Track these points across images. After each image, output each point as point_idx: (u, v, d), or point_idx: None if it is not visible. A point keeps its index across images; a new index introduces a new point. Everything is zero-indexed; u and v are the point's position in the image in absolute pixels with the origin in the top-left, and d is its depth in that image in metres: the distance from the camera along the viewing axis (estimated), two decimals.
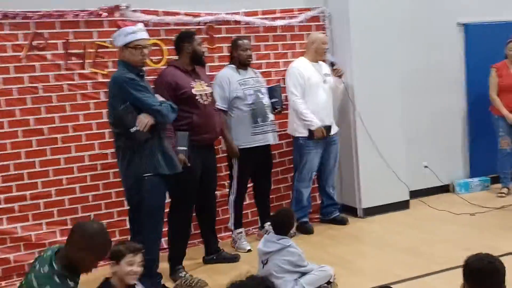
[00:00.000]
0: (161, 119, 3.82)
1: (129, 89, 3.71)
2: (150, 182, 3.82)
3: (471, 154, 6.76)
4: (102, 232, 2.81)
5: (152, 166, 3.81)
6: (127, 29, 3.81)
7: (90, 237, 2.70)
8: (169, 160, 3.90)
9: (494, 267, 2.39)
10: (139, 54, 3.81)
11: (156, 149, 3.83)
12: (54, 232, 4.79)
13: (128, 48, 3.80)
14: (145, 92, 3.78)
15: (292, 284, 3.80)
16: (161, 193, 3.94)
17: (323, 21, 5.90)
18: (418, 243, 4.95)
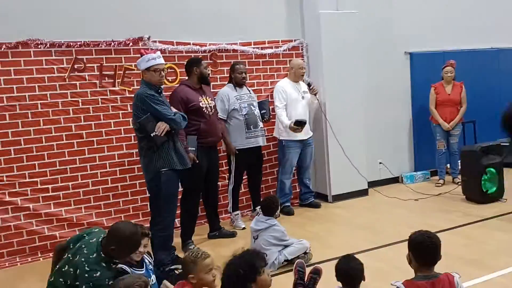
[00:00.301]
0: (175, 126, 3.80)
1: (150, 103, 3.69)
2: (166, 175, 3.78)
3: (416, 152, 6.75)
4: (134, 232, 2.73)
5: (167, 163, 3.78)
6: (148, 56, 3.78)
7: (122, 238, 2.68)
8: (181, 158, 3.87)
9: (432, 241, 2.39)
10: (157, 76, 3.78)
11: (170, 150, 3.80)
12: (91, 214, 4.76)
13: (149, 71, 3.77)
14: (162, 105, 3.75)
15: (277, 255, 3.80)
16: (175, 184, 3.90)
17: (302, 50, 5.87)
18: (374, 222, 4.96)
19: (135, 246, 2.78)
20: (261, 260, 2.51)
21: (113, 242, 2.67)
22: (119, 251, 2.68)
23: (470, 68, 6.68)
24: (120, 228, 2.72)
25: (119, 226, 2.75)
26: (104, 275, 2.64)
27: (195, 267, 2.62)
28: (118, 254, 2.71)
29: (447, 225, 4.59)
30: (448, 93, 6.16)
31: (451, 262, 3.52)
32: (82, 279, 2.61)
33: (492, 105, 6.96)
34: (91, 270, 2.63)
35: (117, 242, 2.66)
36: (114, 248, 2.66)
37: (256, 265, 2.43)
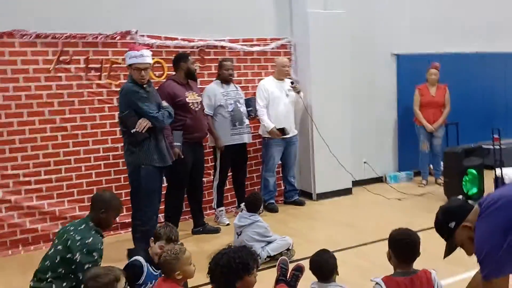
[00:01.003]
0: (157, 124, 3.78)
1: (133, 99, 3.70)
2: (146, 171, 3.78)
3: (400, 153, 6.81)
4: (115, 197, 3.03)
5: (147, 159, 3.78)
6: (132, 53, 3.77)
7: (108, 201, 2.93)
8: (162, 155, 3.86)
9: (411, 238, 2.44)
10: (137, 74, 3.75)
11: (152, 146, 3.80)
12: (74, 208, 4.71)
13: (131, 68, 3.78)
14: (146, 102, 3.73)
15: (260, 251, 3.80)
16: (155, 180, 3.87)
17: (290, 48, 5.89)
18: (357, 220, 5.00)
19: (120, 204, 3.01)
20: (255, 262, 2.50)
21: (100, 207, 2.90)
22: (108, 212, 2.89)
23: (454, 71, 6.77)
24: (100, 195, 3.05)
25: (99, 194, 3.08)
26: (96, 240, 2.79)
27: (178, 263, 2.63)
28: (108, 215, 2.90)
29: (428, 224, 4.56)
30: (432, 95, 6.24)
31: (431, 260, 3.55)
32: (74, 248, 2.72)
33: (475, 108, 7.12)
34: (82, 238, 2.76)
35: (104, 205, 2.90)
36: (104, 210, 2.88)
37: (250, 265, 2.43)
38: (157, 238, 2.98)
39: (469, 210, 2.14)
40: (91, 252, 2.72)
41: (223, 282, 2.39)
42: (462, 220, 2.12)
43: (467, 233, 2.09)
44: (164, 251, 2.70)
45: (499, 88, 7.39)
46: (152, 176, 3.82)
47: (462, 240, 2.14)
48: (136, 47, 3.84)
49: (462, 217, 2.13)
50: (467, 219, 2.11)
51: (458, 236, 2.14)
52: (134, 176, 3.84)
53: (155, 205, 3.91)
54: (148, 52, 3.86)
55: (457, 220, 2.13)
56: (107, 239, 3.74)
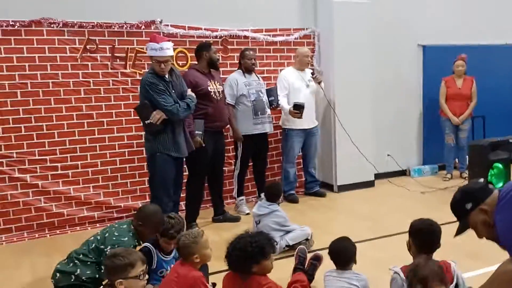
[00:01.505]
0: (171, 116, 3.80)
1: (150, 90, 3.74)
2: (161, 159, 3.84)
3: (424, 146, 6.70)
4: (156, 213, 3.03)
5: (162, 148, 3.84)
6: (152, 45, 3.75)
7: (147, 216, 2.98)
8: (177, 146, 3.90)
9: (432, 227, 2.41)
10: (158, 67, 3.77)
11: (168, 137, 3.84)
12: (99, 194, 4.82)
13: (152, 59, 3.81)
14: (163, 94, 3.75)
15: (279, 240, 3.82)
16: (169, 168, 3.90)
17: (313, 38, 5.84)
18: (377, 213, 4.95)
19: (159, 223, 2.98)
20: (271, 246, 2.55)
21: (140, 218, 2.98)
22: (145, 226, 2.95)
23: (482, 63, 6.58)
24: (145, 207, 3.15)
25: (145, 206, 3.19)
26: (129, 242, 2.87)
27: (197, 246, 2.68)
28: (145, 229, 2.96)
29: (450, 218, 4.48)
30: (458, 87, 6.09)
31: (451, 253, 3.50)
32: (109, 241, 2.85)
33: (502, 101, 6.91)
34: (120, 235, 2.87)
35: (143, 218, 2.97)
36: (141, 223, 2.95)
37: (266, 249, 2.47)
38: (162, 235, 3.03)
39: (488, 194, 2.07)
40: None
41: (240, 265, 2.44)
42: (480, 203, 2.05)
43: (483, 217, 2.04)
44: (182, 235, 2.74)
45: None
46: (167, 164, 3.86)
47: (476, 222, 2.09)
48: (157, 39, 3.81)
49: (480, 200, 2.06)
50: (485, 203, 2.05)
51: (473, 218, 2.09)
52: (150, 163, 3.93)
53: (169, 192, 3.94)
54: (169, 44, 3.82)
55: (474, 202, 2.08)
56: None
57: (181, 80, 4.04)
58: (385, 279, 2.50)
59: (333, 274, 2.73)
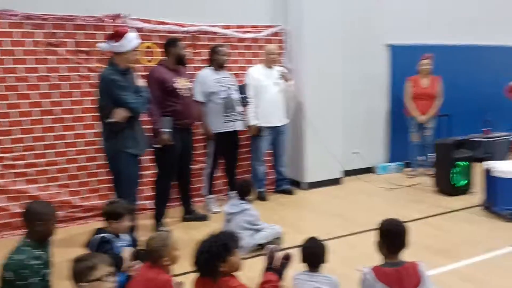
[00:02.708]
0: (135, 113, 3.72)
1: (112, 88, 3.62)
2: (122, 158, 3.74)
3: (390, 144, 6.79)
4: (47, 205, 2.76)
5: (122, 146, 3.73)
6: (131, 35, 3.68)
7: (38, 212, 2.64)
8: (136, 143, 3.78)
9: (399, 228, 2.42)
10: (135, 56, 3.78)
11: (127, 134, 3.73)
12: (60, 193, 4.63)
13: (129, 52, 3.68)
14: (125, 90, 3.65)
15: (249, 239, 3.77)
16: (131, 167, 3.81)
17: (283, 36, 5.81)
18: (346, 210, 4.97)
19: (52, 213, 2.73)
20: (235, 241, 2.53)
21: (34, 219, 2.62)
22: (44, 223, 2.62)
23: (448, 63, 6.72)
24: (29, 207, 2.71)
25: (28, 206, 2.73)
26: (23, 256, 2.54)
27: (167, 248, 2.62)
28: (45, 226, 2.65)
29: (417, 215, 4.65)
30: (424, 86, 6.20)
31: (419, 251, 3.55)
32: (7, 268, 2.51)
33: (467, 100, 7.09)
34: (12, 257, 2.55)
35: (37, 217, 2.62)
36: (39, 223, 2.60)
37: (229, 245, 2.45)
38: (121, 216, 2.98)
39: None
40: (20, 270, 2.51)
41: (208, 268, 2.40)
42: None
43: None
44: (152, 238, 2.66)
45: (491, 80, 7.36)
46: (128, 163, 3.77)
47: None
48: (124, 30, 3.73)
49: None
50: None
51: None
52: (114, 163, 3.80)
53: (133, 191, 3.86)
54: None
55: None
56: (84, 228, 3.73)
57: (135, 77, 3.93)
58: (356, 277, 2.49)
59: (303, 277, 2.70)
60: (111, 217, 2.98)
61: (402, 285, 2.29)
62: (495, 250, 3.67)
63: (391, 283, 2.29)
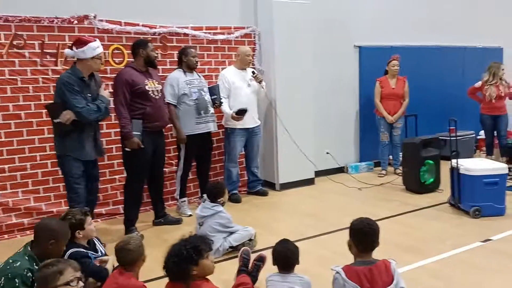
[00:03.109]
0: (81, 118, 3.69)
1: (64, 90, 3.64)
2: (66, 160, 3.75)
3: (361, 144, 6.89)
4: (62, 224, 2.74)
5: (67, 149, 3.74)
6: (92, 44, 3.72)
7: (54, 229, 2.63)
8: (81, 149, 3.77)
9: (371, 227, 2.44)
10: (99, 64, 3.80)
11: (74, 138, 3.73)
12: (29, 199, 4.49)
13: (94, 58, 3.72)
14: (76, 95, 3.65)
15: (222, 241, 3.76)
16: (74, 171, 3.77)
17: (254, 37, 5.81)
18: (319, 210, 5.02)
19: (67, 234, 2.72)
20: (206, 244, 2.50)
21: (49, 237, 2.58)
22: (57, 242, 2.59)
23: (414, 64, 6.89)
24: (47, 223, 2.71)
25: (45, 222, 2.73)
26: (23, 265, 2.50)
27: (139, 253, 2.61)
28: (56, 246, 2.61)
29: (386, 213, 4.73)
30: (392, 87, 6.32)
31: (389, 249, 3.61)
32: (2, 272, 2.47)
33: (433, 100, 7.29)
34: (13, 262, 2.52)
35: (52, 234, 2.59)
36: (54, 241, 2.57)
37: (201, 247, 2.42)
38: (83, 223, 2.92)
39: None
40: (13, 277, 2.46)
41: (179, 272, 2.36)
42: None
43: None
44: (124, 242, 2.61)
45: (456, 81, 7.59)
46: (71, 166, 3.76)
47: None
48: (88, 38, 3.81)
49: None
50: None
51: None
52: (59, 164, 3.87)
53: (78, 193, 3.80)
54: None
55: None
56: None
57: (99, 84, 3.95)
58: (329, 276, 2.50)
59: (276, 278, 2.70)
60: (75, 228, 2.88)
61: (374, 283, 2.31)
62: (462, 246, 3.77)
63: (363, 281, 2.31)
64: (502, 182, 4.49)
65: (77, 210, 3.00)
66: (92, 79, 3.86)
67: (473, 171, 4.48)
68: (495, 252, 3.65)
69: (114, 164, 4.90)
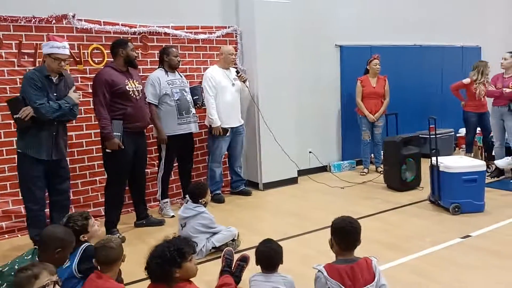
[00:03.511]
0: (39, 115, 3.65)
1: (26, 85, 3.65)
2: (21, 157, 3.75)
3: (343, 142, 6.93)
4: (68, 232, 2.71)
5: (24, 146, 3.72)
6: (53, 43, 3.70)
7: (61, 239, 2.60)
8: (38, 147, 3.72)
9: (352, 226, 2.46)
10: (57, 64, 3.72)
11: (31, 135, 3.70)
12: (7, 202, 4.39)
13: (50, 57, 3.69)
14: (37, 91, 3.63)
15: (205, 242, 3.74)
16: (28, 168, 3.74)
17: (236, 37, 5.80)
18: (302, 209, 5.03)
19: (73, 241, 2.70)
20: (190, 247, 2.47)
21: (55, 245, 2.56)
22: (63, 250, 2.58)
23: (394, 63, 6.97)
24: (53, 231, 2.67)
25: (51, 230, 2.69)
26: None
27: (120, 254, 2.60)
28: (63, 254, 2.60)
29: (368, 211, 4.77)
30: (373, 86, 6.38)
31: (371, 246, 3.65)
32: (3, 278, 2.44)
33: (413, 99, 7.38)
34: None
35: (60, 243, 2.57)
36: (60, 249, 2.56)
37: (184, 250, 2.39)
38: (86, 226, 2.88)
39: None
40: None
41: (162, 274, 2.34)
42: None
43: None
44: (104, 241, 2.58)
45: (435, 79, 7.71)
46: (25, 164, 3.74)
47: None
48: (58, 39, 3.77)
49: None
50: None
51: None
52: (16, 159, 3.85)
53: (30, 194, 3.78)
54: (68, 45, 3.85)
55: None
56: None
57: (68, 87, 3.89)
58: (312, 275, 2.51)
59: (259, 278, 2.69)
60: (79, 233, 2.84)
61: (355, 281, 2.32)
62: (442, 242, 3.83)
63: (345, 279, 2.32)
64: (481, 179, 4.56)
65: (77, 215, 2.94)
66: (63, 79, 3.83)
67: (452, 169, 4.55)
68: (474, 248, 3.72)
69: (94, 166, 4.83)
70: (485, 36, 8.37)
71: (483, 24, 8.37)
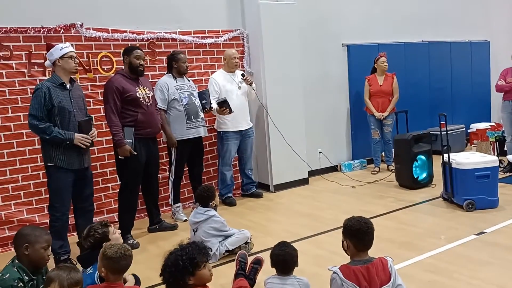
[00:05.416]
0: (28, 122, 3.70)
1: (33, 95, 3.66)
2: (52, 170, 3.73)
3: (353, 142, 6.92)
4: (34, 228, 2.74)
5: (53, 159, 3.70)
6: (59, 45, 3.73)
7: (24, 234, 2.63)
8: (68, 157, 3.72)
9: (367, 226, 2.44)
10: (72, 62, 3.73)
11: (63, 147, 3.69)
12: (22, 211, 4.44)
13: (64, 58, 3.69)
14: (38, 103, 3.60)
15: (218, 245, 3.75)
16: (60, 180, 3.73)
17: (242, 40, 5.82)
18: (314, 210, 5.02)
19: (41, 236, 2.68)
20: (204, 255, 2.44)
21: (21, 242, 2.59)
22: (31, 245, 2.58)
23: (402, 60, 6.95)
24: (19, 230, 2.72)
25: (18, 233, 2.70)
26: (13, 275, 2.51)
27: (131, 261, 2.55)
28: (33, 250, 2.59)
29: (381, 210, 4.75)
30: (380, 84, 6.35)
31: (384, 245, 3.65)
32: None
33: (423, 96, 7.34)
34: (2, 274, 2.51)
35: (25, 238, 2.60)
36: (27, 245, 2.57)
37: (197, 259, 2.38)
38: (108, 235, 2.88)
39: None
40: None
41: (176, 281, 2.34)
42: None
43: None
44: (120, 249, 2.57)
45: (445, 76, 7.66)
46: (57, 176, 3.72)
47: None
48: (57, 43, 3.84)
49: None
50: None
51: None
52: (46, 172, 3.83)
53: (63, 204, 3.78)
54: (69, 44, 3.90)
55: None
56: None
57: (80, 95, 3.91)
58: (326, 276, 2.51)
59: (275, 281, 2.68)
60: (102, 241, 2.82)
61: (371, 282, 2.31)
62: (457, 240, 3.80)
63: (361, 280, 2.31)
64: (494, 175, 4.53)
65: (97, 224, 2.95)
66: (74, 84, 3.84)
67: (464, 165, 4.52)
68: (489, 244, 3.69)
69: (107, 172, 4.87)
70: (492, 30, 8.30)
71: (489, 18, 8.29)
